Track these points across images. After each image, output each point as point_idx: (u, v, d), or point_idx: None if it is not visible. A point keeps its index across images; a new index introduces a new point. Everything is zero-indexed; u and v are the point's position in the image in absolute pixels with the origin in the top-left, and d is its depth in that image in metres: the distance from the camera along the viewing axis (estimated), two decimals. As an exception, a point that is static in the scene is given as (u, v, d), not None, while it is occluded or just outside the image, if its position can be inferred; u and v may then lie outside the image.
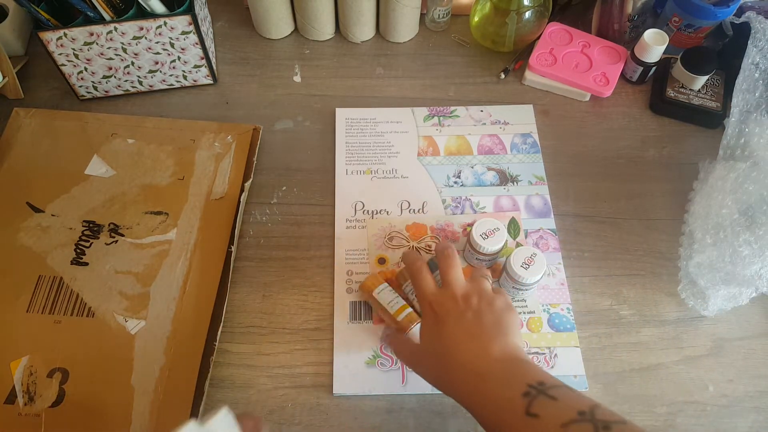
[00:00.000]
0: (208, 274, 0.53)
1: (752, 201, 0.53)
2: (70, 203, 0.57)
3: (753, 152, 0.55)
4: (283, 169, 0.62)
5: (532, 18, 0.66)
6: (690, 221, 0.55)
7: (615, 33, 0.69)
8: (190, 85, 0.67)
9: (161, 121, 0.63)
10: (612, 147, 0.64)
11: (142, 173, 0.59)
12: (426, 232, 0.57)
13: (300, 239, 0.57)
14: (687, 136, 0.65)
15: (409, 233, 0.57)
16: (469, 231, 0.53)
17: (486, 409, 0.39)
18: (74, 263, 0.54)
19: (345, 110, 0.65)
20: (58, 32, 0.56)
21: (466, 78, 0.69)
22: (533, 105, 0.67)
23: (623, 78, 0.68)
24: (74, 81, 0.62)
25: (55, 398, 0.47)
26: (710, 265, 0.52)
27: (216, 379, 0.50)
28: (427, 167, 0.62)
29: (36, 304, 0.51)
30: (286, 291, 0.55)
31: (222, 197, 0.58)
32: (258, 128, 0.63)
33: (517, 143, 0.63)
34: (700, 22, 0.65)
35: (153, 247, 0.55)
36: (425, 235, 0.57)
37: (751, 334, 0.53)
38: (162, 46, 0.60)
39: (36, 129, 0.62)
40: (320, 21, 0.69)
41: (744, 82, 0.58)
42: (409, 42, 0.72)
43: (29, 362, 0.49)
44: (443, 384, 0.43)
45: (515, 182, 0.61)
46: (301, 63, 0.70)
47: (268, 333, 0.52)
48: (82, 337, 0.50)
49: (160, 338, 0.50)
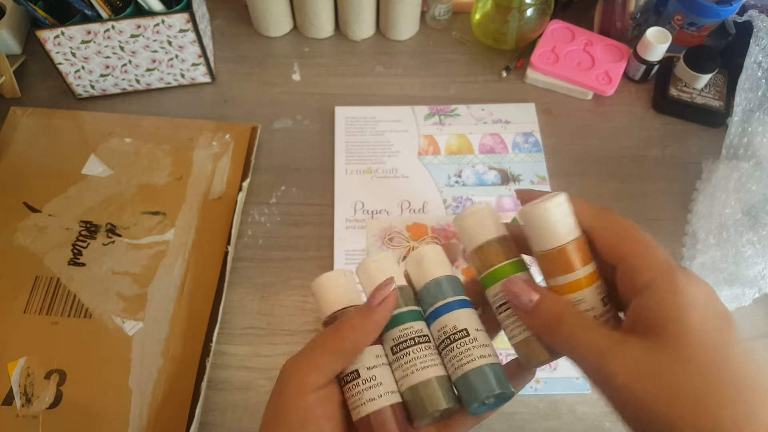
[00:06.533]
0: (206, 275, 0.53)
1: (755, 201, 0.53)
2: (67, 203, 0.56)
3: (756, 151, 0.54)
4: (282, 168, 0.61)
5: (533, 16, 0.65)
6: (693, 221, 0.55)
7: (617, 31, 0.68)
8: (188, 83, 0.66)
9: (159, 120, 0.63)
10: (614, 146, 0.64)
11: (140, 173, 0.59)
12: (426, 232, 0.57)
13: (299, 239, 0.57)
14: (690, 135, 0.64)
15: (410, 233, 0.57)
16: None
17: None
18: (71, 264, 0.53)
19: (344, 109, 0.65)
20: (56, 30, 0.56)
21: (467, 76, 0.68)
22: (535, 104, 0.66)
23: (626, 76, 0.68)
24: (71, 79, 0.62)
25: (52, 400, 0.47)
26: (713, 266, 0.52)
27: (214, 381, 0.50)
28: (427, 166, 0.61)
29: (33, 305, 0.51)
30: (285, 292, 0.54)
31: (220, 197, 0.57)
32: (256, 127, 0.62)
33: (518, 142, 0.63)
34: (702, 20, 0.64)
35: (150, 247, 0.54)
36: (426, 235, 0.57)
37: (754, 334, 0.53)
38: (159, 44, 0.60)
39: (33, 128, 0.61)
40: (319, 18, 0.68)
41: (747, 80, 0.58)
42: (409, 40, 0.72)
43: (26, 363, 0.48)
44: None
45: (517, 182, 0.60)
46: (300, 61, 0.69)
47: (266, 334, 0.52)
48: (80, 339, 0.50)
49: (157, 340, 0.50)
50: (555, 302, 0.27)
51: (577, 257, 0.27)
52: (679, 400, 0.22)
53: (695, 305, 0.24)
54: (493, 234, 0.30)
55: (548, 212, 0.27)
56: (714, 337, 0.23)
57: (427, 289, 0.30)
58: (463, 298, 0.30)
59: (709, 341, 0.23)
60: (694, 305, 0.24)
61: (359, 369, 0.28)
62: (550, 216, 0.27)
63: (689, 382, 0.23)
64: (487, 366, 0.28)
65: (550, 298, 0.27)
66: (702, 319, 0.23)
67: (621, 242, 0.27)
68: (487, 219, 0.30)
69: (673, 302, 0.24)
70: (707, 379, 0.23)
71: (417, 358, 0.28)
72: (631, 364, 0.23)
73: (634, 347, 0.24)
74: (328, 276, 0.31)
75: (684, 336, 0.23)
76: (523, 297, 0.27)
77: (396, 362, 0.29)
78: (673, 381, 0.23)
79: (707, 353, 0.23)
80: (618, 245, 0.27)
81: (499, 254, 0.29)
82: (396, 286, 0.29)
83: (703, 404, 0.22)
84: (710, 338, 0.23)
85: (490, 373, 0.28)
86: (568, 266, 0.27)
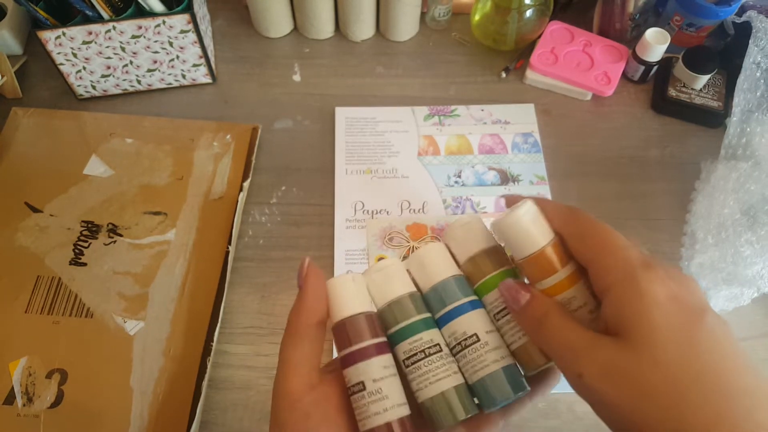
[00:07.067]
0: (207, 275, 0.53)
1: (754, 201, 0.53)
2: (69, 203, 0.57)
3: (755, 152, 0.55)
4: (283, 168, 0.61)
5: (533, 17, 0.66)
6: (692, 221, 0.55)
7: (616, 32, 0.68)
8: (189, 84, 0.66)
9: (160, 121, 0.63)
10: (613, 146, 0.64)
11: (141, 173, 0.59)
12: (426, 232, 0.57)
13: (299, 239, 0.57)
14: (689, 135, 0.65)
15: (410, 233, 0.57)
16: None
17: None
18: (73, 263, 0.53)
19: (345, 109, 0.65)
20: (57, 31, 0.56)
21: (467, 77, 0.69)
22: (534, 104, 0.66)
23: (625, 77, 0.68)
24: (72, 80, 0.62)
25: (54, 399, 0.47)
26: (712, 266, 0.52)
27: (215, 380, 0.50)
28: (427, 167, 0.61)
29: (34, 305, 0.51)
30: (286, 291, 0.54)
31: (221, 197, 0.58)
32: (257, 127, 0.62)
33: (518, 143, 0.63)
34: (701, 21, 0.65)
35: (152, 247, 0.54)
36: (425, 235, 0.57)
37: (753, 334, 0.53)
38: (161, 45, 0.60)
39: (34, 128, 0.61)
40: (320, 19, 0.68)
41: (745, 81, 0.58)
42: (409, 41, 0.72)
43: (28, 363, 0.48)
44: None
45: (516, 182, 0.60)
46: (300, 62, 0.70)
47: (267, 334, 0.52)
48: (81, 338, 0.50)
49: (158, 339, 0.50)
50: (541, 301, 0.27)
51: (556, 259, 0.28)
52: (647, 402, 0.22)
53: (658, 304, 0.23)
54: (486, 244, 0.30)
55: (518, 221, 0.28)
56: (680, 335, 0.23)
57: (434, 292, 0.30)
58: (472, 299, 0.30)
59: (675, 340, 0.23)
60: (657, 304, 0.23)
61: (365, 381, 0.28)
62: (520, 224, 0.28)
63: (657, 384, 0.22)
64: (501, 369, 0.28)
65: (537, 297, 0.27)
66: (666, 319, 0.23)
67: (586, 245, 0.27)
68: (479, 229, 0.31)
69: (634, 304, 0.24)
70: (674, 380, 0.22)
71: (429, 371, 0.28)
72: (600, 365, 0.23)
73: (605, 348, 0.24)
74: (337, 280, 0.30)
75: (649, 337, 0.23)
76: (517, 296, 0.28)
77: (410, 375, 0.29)
78: (642, 382, 0.22)
79: (673, 352, 0.23)
80: (583, 248, 0.27)
81: (493, 263, 0.30)
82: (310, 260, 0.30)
83: (672, 406, 0.22)
84: (676, 337, 0.23)
85: (504, 377, 0.28)
86: (548, 269, 0.28)
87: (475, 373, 0.28)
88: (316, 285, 0.29)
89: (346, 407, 0.29)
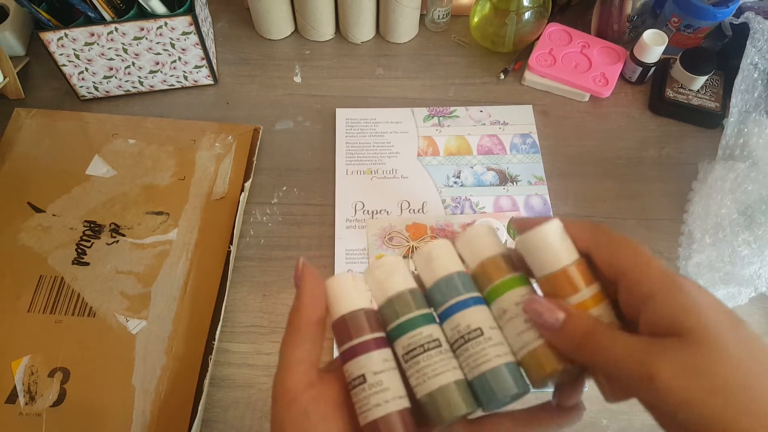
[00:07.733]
0: (209, 274, 0.54)
1: (751, 201, 0.53)
2: (71, 203, 0.57)
3: (752, 152, 0.55)
4: (284, 169, 0.62)
5: (531, 18, 0.66)
6: (689, 221, 0.55)
7: (614, 33, 0.69)
8: (191, 85, 0.67)
9: (162, 122, 0.63)
10: (611, 147, 0.64)
11: (143, 173, 0.59)
12: (426, 232, 0.58)
13: (300, 239, 0.58)
14: (686, 136, 0.65)
15: (409, 233, 0.58)
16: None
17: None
18: (75, 263, 0.54)
19: (345, 110, 0.66)
20: (59, 32, 0.57)
21: (466, 78, 0.69)
22: (533, 105, 0.67)
23: (622, 78, 0.68)
24: (75, 81, 0.63)
25: (56, 398, 0.48)
26: (709, 265, 0.52)
27: (217, 379, 0.50)
28: (426, 167, 0.62)
29: (37, 304, 0.52)
30: (287, 290, 0.55)
31: (222, 197, 0.58)
32: (258, 128, 0.63)
33: (516, 143, 0.64)
34: (699, 22, 0.65)
35: (154, 247, 0.55)
36: (425, 234, 0.58)
37: (750, 333, 0.54)
38: (162, 46, 0.61)
39: (37, 129, 0.62)
40: (320, 22, 0.69)
41: (743, 82, 0.59)
42: (409, 42, 0.72)
43: (30, 362, 0.49)
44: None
45: (515, 182, 0.61)
46: (301, 63, 0.70)
47: (268, 332, 0.53)
48: (83, 337, 0.50)
49: (161, 338, 0.50)
50: (582, 318, 0.27)
51: (581, 278, 0.27)
52: (726, 395, 0.22)
53: (708, 305, 0.24)
54: (495, 250, 0.30)
55: (545, 236, 0.28)
56: (738, 333, 0.24)
57: (437, 287, 0.30)
58: (475, 295, 0.29)
59: (737, 338, 0.23)
60: (709, 306, 0.24)
61: (366, 374, 0.28)
62: (547, 239, 0.28)
63: (734, 377, 0.23)
64: (504, 366, 0.28)
65: (576, 314, 0.27)
66: (722, 319, 0.24)
67: (618, 257, 0.27)
68: (488, 235, 0.30)
69: (686, 304, 0.24)
70: (747, 372, 0.23)
71: (428, 366, 0.28)
72: (675, 363, 0.23)
73: (674, 348, 0.24)
74: (336, 278, 0.30)
75: (714, 335, 0.23)
76: (548, 316, 0.27)
77: (409, 370, 0.29)
78: (719, 376, 0.23)
79: (741, 348, 0.23)
80: (616, 261, 0.27)
81: (502, 269, 0.29)
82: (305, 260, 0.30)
83: (750, 399, 0.22)
84: (736, 335, 0.24)
85: (506, 373, 0.27)
86: (572, 287, 0.27)
87: (476, 367, 0.28)
88: (312, 284, 0.29)
89: (345, 406, 0.29)
